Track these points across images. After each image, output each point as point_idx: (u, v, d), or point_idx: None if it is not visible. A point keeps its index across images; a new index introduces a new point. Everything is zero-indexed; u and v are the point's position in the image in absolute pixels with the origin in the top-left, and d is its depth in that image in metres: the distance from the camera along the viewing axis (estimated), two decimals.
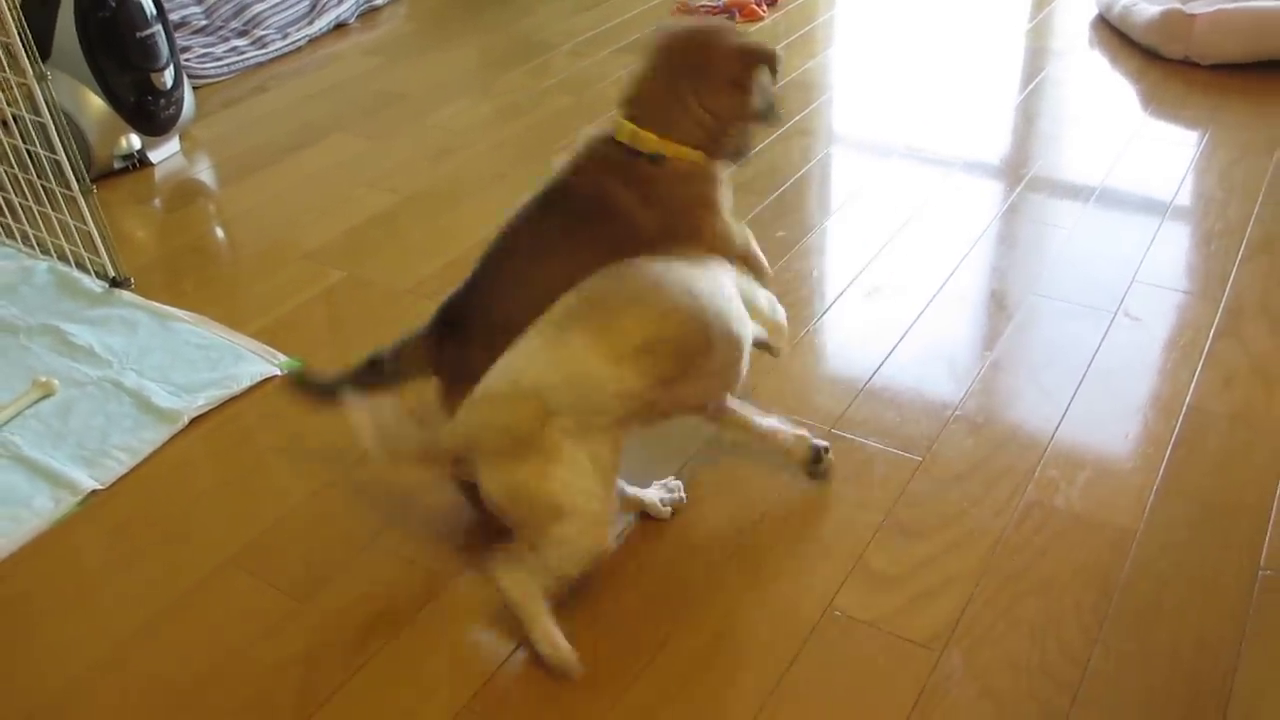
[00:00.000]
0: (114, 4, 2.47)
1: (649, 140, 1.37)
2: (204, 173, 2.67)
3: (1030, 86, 2.72)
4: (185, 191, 2.60)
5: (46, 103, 1.96)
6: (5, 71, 2.02)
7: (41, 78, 1.94)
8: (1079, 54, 2.91)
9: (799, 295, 1.95)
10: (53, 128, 1.96)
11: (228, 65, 3.19)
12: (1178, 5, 2.78)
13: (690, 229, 1.41)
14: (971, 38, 3.05)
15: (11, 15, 1.88)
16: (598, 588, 1.38)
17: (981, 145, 2.44)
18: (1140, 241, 2.04)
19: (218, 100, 3.03)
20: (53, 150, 1.99)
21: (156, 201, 2.56)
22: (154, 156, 2.67)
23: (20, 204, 2.22)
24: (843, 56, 2.99)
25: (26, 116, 2.03)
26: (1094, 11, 3.11)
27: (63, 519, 1.58)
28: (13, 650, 1.38)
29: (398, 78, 3.07)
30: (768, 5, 3.31)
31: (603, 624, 1.34)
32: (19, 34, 1.89)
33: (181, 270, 2.21)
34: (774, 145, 2.48)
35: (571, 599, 1.35)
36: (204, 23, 3.34)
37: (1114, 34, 2.98)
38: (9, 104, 2.12)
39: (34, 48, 1.93)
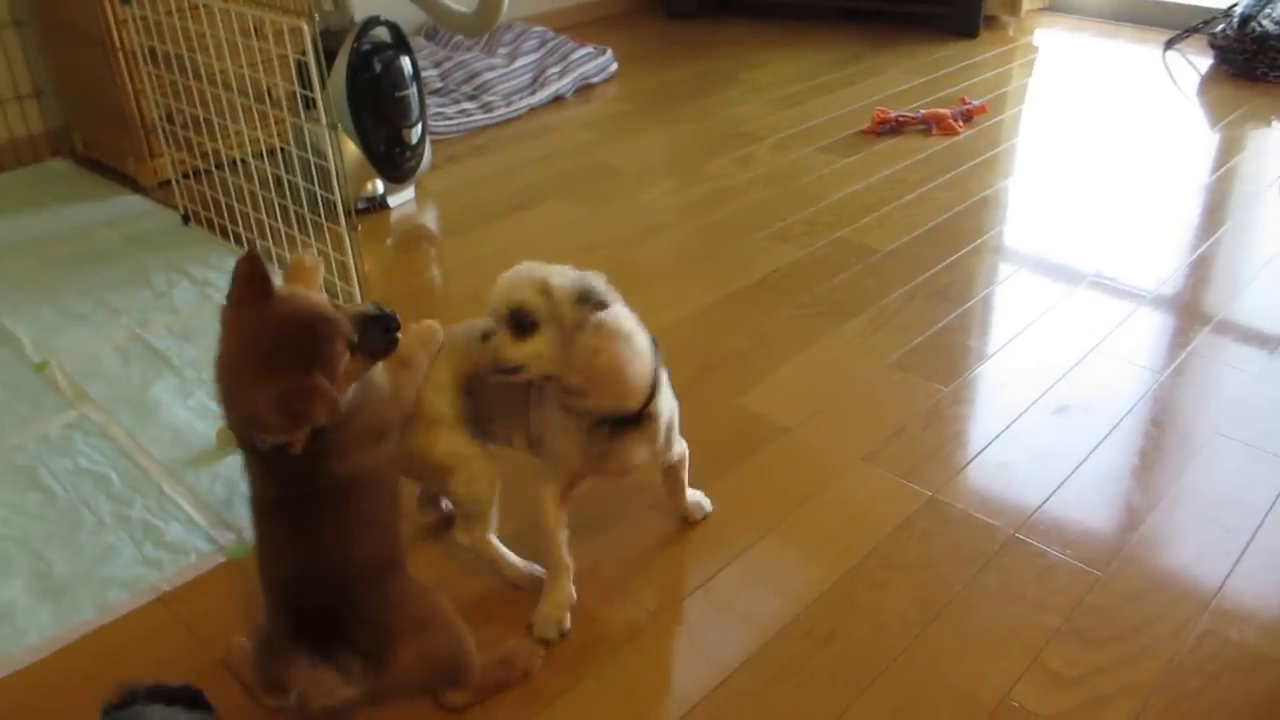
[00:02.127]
0: (379, 67, 2.77)
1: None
2: (432, 221, 2.94)
3: (1220, 230, 2.77)
4: (416, 237, 2.86)
5: (332, 148, 2.22)
6: (303, 114, 2.29)
7: (333, 126, 2.21)
8: (1269, 202, 2.95)
9: (988, 404, 2.06)
10: (334, 172, 2.22)
11: (456, 125, 3.48)
12: None
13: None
14: (1159, 175, 3.13)
15: (317, 72, 2.16)
16: (787, 652, 1.51)
17: (1168, 282, 2.50)
18: None
19: (444, 155, 3.31)
20: (329, 190, 2.26)
21: (389, 241, 2.83)
22: (392, 201, 2.95)
23: (282, 230, 2.49)
24: (1031, 179, 3.10)
25: (311, 158, 2.30)
26: None
27: None
28: None
29: (611, 153, 3.31)
30: (964, 121, 3.45)
31: (788, 685, 1.46)
32: (320, 87, 2.17)
33: (411, 308, 2.44)
34: (967, 257, 2.60)
35: (761, 659, 1.49)
36: (439, 85, 3.66)
37: None
38: (287, 140, 2.41)
39: (330, 101, 2.21)
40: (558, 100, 3.78)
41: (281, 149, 2.57)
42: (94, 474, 1.88)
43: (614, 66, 4.02)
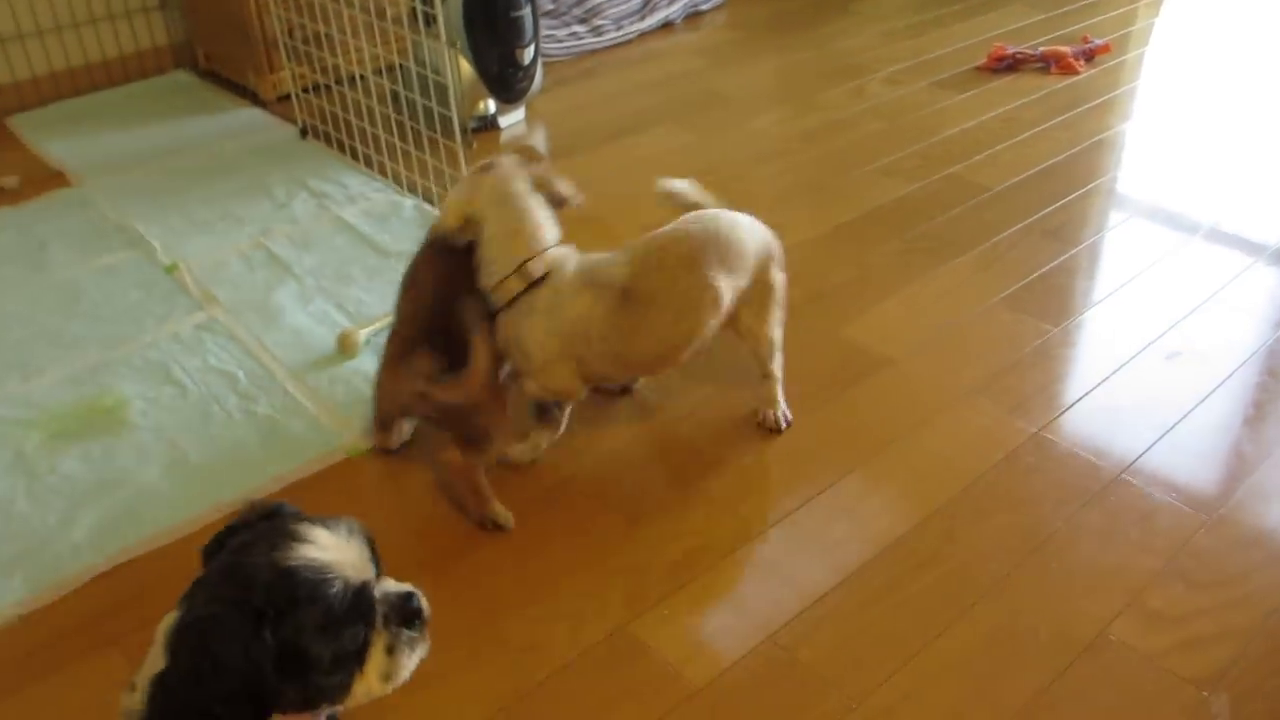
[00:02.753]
0: None
1: None
2: (541, 143, 2.97)
3: None
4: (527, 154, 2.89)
5: (449, 66, 2.26)
6: (422, 31, 2.33)
7: (452, 43, 2.24)
8: None
9: (1098, 346, 2.04)
10: (451, 88, 2.26)
11: (566, 47, 3.50)
12: None
13: None
14: None
15: None
16: (883, 575, 1.54)
17: None
18: None
19: (553, 78, 3.33)
20: (446, 106, 2.30)
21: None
22: (502, 121, 2.99)
23: (398, 145, 2.55)
24: (1153, 124, 3.00)
25: (430, 75, 2.34)
26: None
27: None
28: (380, 520, 1.66)
29: (721, 80, 3.30)
30: (1085, 60, 3.35)
31: (883, 607, 1.49)
32: (440, 3, 2.20)
33: None
34: (1082, 199, 2.55)
35: (857, 580, 1.52)
36: (551, 7, 3.66)
37: None
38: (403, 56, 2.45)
39: (449, 18, 2.24)
40: (667, 26, 3.76)
41: (400, 65, 2.62)
42: (222, 372, 1.98)
43: None
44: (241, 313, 2.15)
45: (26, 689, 1.39)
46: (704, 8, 3.89)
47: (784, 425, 1.81)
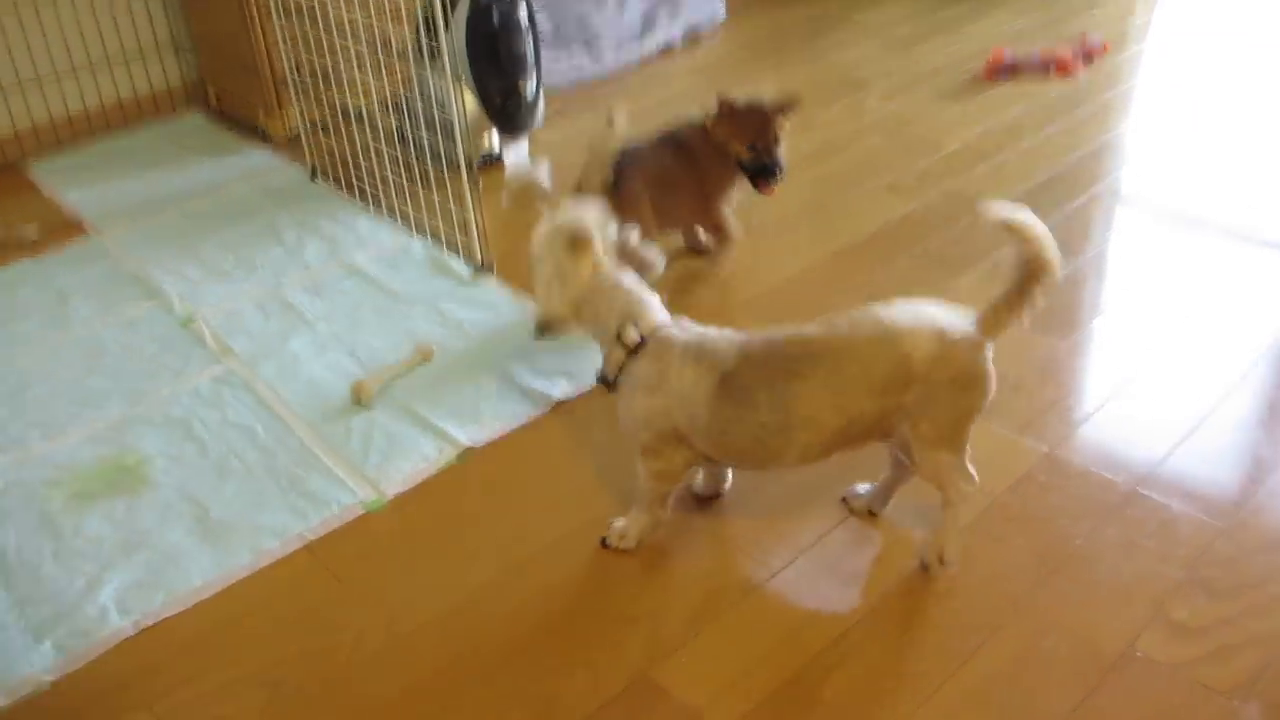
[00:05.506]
0: (497, 22, 2.80)
1: None
2: (546, 177, 2.98)
3: None
4: (531, 193, 2.91)
5: (457, 103, 2.28)
6: (428, 65, 2.35)
7: (457, 79, 2.27)
8: None
9: (1107, 357, 2.04)
10: (458, 125, 2.29)
11: (566, 78, 3.52)
12: None
13: None
14: None
15: (445, 28, 2.21)
16: (903, 605, 1.54)
17: None
18: None
19: (554, 109, 3.34)
20: (452, 142, 2.32)
21: (505, 196, 2.88)
22: (506, 156, 3.01)
23: (405, 185, 2.57)
24: (1155, 124, 3.00)
25: (435, 111, 2.37)
26: None
27: (445, 467, 1.87)
28: (401, 574, 1.67)
29: None
30: (1085, 62, 3.35)
31: (906, 638, 1.50)
32: (448, 44, 2.23)
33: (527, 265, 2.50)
34: (1086, 207, 2.55)
35: (878, 612, 1.53)
36: (551, 31, 3.69)
37: None
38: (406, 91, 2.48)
39: (455, 54, 2.27)
40: (667, 51, 3.78)
41: (405, 97, 2.63)
42: (241, 426, 2.00)
43: (722, 15, 3.98)
44: (258, 364, 2.18)
45: None
46: (702, 29, 3.91)
47: (939, 567, 1.58)
